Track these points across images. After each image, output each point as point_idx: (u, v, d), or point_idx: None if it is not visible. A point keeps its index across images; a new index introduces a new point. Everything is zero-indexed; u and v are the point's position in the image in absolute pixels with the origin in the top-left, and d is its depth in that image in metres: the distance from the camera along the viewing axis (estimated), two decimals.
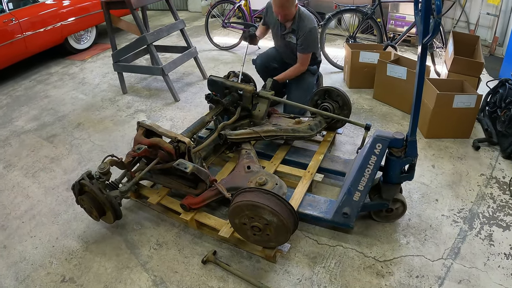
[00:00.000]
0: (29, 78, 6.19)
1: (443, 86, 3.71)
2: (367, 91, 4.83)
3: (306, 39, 3.81)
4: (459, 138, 3.77)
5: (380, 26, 5.33)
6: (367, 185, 2.54)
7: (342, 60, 5.54)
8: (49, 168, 3.77)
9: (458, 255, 2.58)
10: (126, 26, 4.99)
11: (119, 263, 2.69)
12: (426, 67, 4.08)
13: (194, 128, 3.28)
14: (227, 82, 3.59)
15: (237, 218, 2.41)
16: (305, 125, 3.35)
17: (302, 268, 2.55)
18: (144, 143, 2.88)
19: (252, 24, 6.33)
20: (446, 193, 3.13)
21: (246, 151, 3.19)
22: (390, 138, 2.44)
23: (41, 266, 2.71)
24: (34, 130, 4.54)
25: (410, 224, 2.84)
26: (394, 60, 4.44)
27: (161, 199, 2.97)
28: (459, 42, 4.41)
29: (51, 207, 3.25)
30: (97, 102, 5.12)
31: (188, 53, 5.24)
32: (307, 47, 3.86)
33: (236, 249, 2.72)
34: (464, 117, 3.65)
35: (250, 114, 3.60)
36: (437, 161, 3.49)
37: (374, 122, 4.13)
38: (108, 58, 6.65)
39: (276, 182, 2.71)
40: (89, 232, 2.96)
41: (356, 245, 2.69)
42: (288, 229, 2.31)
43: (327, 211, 2.75)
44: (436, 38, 5.25)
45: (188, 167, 2.63)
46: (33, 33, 5.97)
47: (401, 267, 2.51)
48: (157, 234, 2.90)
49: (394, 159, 2.53)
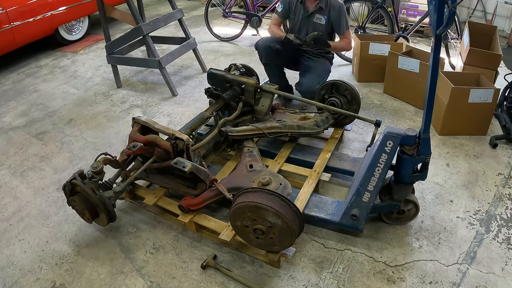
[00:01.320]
0: (17, 71, 6.19)
1: (458, 79, 3.70)
2: (377, 85, 4.82)
3: (343, 15, 3.96)
4: (475, 135, 3.76)
5: (391, 16, 5.31)
6: (377, 185, 2.53)
7: (350, 52, 5.52)
8: (38, 167, 3.77)
9: (474, 260, 2.57)
10: (120, 16, 4.98)
11: (113, 268, 2.68)
12: (440, 60, 4.10)
13: (193, 125, 3.27)
14: (228, 75, 3.58)
15: (239, 220, 2.40)
16: (311, 121, 3.35)
17: (308, 274, 2.54)
18: (139, 141, 2.87)
19: (255, 14, 6.35)
20: (462, 193, 3.12)
21: (249, 149, 3.18)
22: (402, 135, 2.43)
23: (30, 271, 2.71)
24: (23, 126, 4.54)
25: (423, 226, 2.83)
26: (406, 52, 4.43)
27: (157, 200, 2.97)
28: (475, 32, 4.40)
29: (40, 209, 3.25)
30: (89, 97, 5.12)
31: (186, 44, 5.23)
32: (347, 22, 4.01)
33: (238, 253, 2.71)
34: (480, 112, 3.63)
35: (252, 110, 3.59)
36: (452, 160, 3.48)
37: (385, 118, 4.12)
38: (101, 50, 6.64)
39: (281, 182, 2.70)
40: (81, 235, 2.96)
41: (365, 249, 2.69)
42: (293, 232, 2.30)
43: (334, 212, 2.74)
44: (450, 28, 5.23)
45: (186, 166, 2.63)
46: (22, 23, 5.96)
47: (414, 272, 2.51)
48: (153, 237, 2.90)
49: (406, 158, 2.52)
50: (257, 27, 6.49)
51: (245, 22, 6.58)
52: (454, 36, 5.26)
